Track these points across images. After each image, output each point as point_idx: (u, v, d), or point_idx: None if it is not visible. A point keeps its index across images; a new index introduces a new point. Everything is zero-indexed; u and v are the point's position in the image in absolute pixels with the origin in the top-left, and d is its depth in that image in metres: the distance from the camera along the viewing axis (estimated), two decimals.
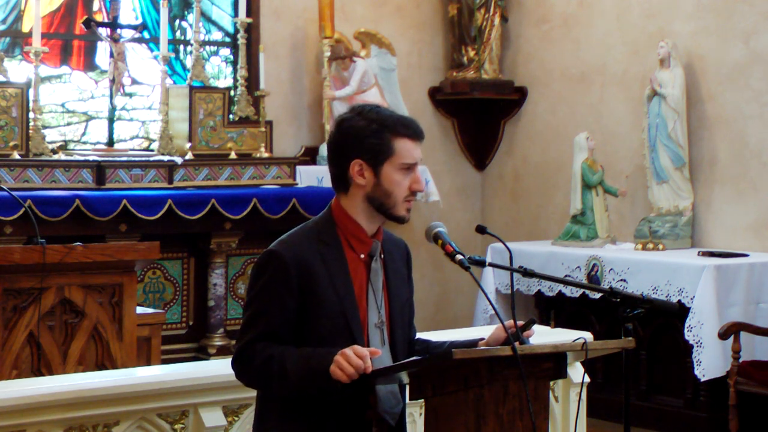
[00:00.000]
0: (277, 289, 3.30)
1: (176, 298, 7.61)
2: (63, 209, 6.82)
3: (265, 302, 3.31)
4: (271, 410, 3.40)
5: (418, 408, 3.96)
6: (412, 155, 3.38)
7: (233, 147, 7.86)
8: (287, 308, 3.31)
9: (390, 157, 3.36)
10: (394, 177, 3.36)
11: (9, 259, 4.55)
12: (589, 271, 7.63)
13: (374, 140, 3.35)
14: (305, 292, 3.31)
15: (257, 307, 3.33)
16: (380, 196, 3.37)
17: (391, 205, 3.38)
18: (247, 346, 3.31)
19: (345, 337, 3.31)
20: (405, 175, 3.38)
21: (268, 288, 3.31)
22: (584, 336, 3.93)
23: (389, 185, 3.36)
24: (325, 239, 3.37)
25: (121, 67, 7.57)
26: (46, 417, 3.76)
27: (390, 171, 3.36)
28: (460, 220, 9.16)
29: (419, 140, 3.41)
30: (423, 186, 3.45)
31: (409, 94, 9.01)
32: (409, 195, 3.40)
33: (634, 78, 8.30)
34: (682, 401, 7.32)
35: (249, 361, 3.31)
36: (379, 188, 3.37)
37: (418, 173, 3.41)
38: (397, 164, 3.37)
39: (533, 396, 3.25)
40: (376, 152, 3.35)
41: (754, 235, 7.63)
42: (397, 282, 3.50)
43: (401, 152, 3.37)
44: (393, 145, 3.36)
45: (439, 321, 8.91)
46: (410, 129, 3.40)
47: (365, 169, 3.37)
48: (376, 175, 3.37)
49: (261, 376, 3.31)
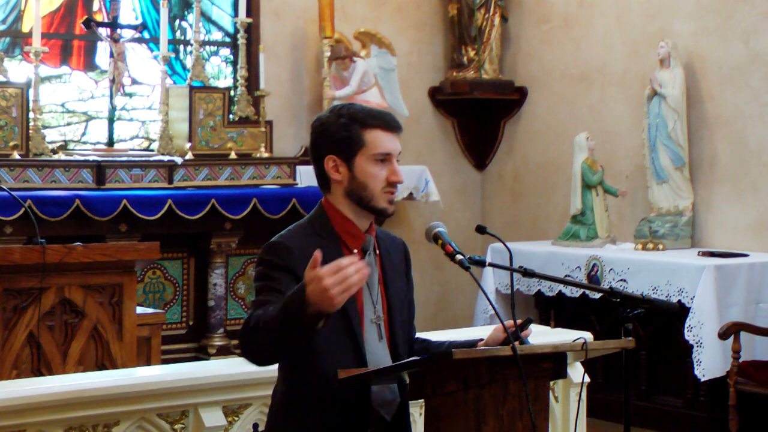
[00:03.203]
0: (279, 270, 3.27)
1: (176, 298, 7.62)
2: (63, 209, 6.83)
3: (270, 280, 3.27)
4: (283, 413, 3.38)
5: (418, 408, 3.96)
6: (385, 146, 3.36)
7: (233, 147, 7.87)
8: (288, 286, 3.21)
9: (361, 149, 3.34)
10: (368, 169, 3.35)
11: (9, 259, 4.55)
12: (589, 271, 7.63)
13: (344, 133, 3.35)
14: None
15: (259, 288, 3.30)
16: (357, 190, 3.36)
17: (369, 198, 3.36)
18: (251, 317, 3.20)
19: (342, 331, 3.31)
20: (380, 167, 3.35)
21: (270, 271, 3.28)
22: (584, 336, 3.93)
23: (364, 178, 3.35)
24: (320, 233, 3.38)
25: (121, 67, 7.57)
26: (46, 417, 3.76)
27: (363, 163, 3.35)
28: (460, 220, 9.16)
29: (393, 131, 3.39)
30: (401, 178, 3.39)
31: (409, 94, 9.01)
32: (387, 186, 3.36)
33: (634, 78, 8.30)
34: (682, 401, 7.32)
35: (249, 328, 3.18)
36: (355, 182, 3.36)
37: (396, 165, 3.39)
38: (369, 156, 3.34)
39: (533, 396, 3.25)
40: (347, 145, 3.35)
41: (754, 235, 7.63)
42: (394, 278, 3.49)
43: (372, 143, 3.35)
44: (363, 137, 3.34)
45: (439, 321, 8.91)
46: (380, 119, 3.38)
47: (339, 164, 3.36)
48: (350, 169, 3.36)
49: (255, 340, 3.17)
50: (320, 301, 2.97)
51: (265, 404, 4.11)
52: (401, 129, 3.43)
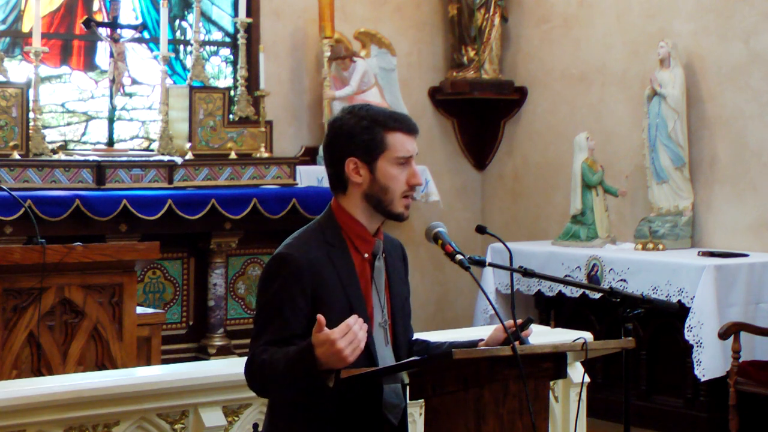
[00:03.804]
0: (291, 293, 3.25)
1: (176, 298, 7.61)
2: (63, 209, 6.83)
3: (279, 307, 3.26)
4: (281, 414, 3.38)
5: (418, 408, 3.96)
6: (406, 148, 3.37)
7: (233, 147, 7.87)
8: (301, 311, 3.25)
9: (383, 151, 3.35)
10: (389, 171, 3.35)
11: (9, 259, 4.55)
12: (589, 271, 7.63)
13: (366, 136, 3.34)
14: (316, 293, 3.27)
15: (270, 312, 3.28)
16: (377, 193, 3.36)
17: (389, 202, 3.36)
18: (257, 354, 3.26)
19: None
20: (401, 170, 3.36)
21: (282, 292, 3.26)
22: (584, 336, 3.93)
23: (385, 180, 3.35)
24: (330, 241, 3.35)
25: (121, 67, 7.57)
26: (46, 417, 3.76)
27: (385, 166, 3.35)
28: (460, 220, 9.15)
29: (413, 134, 3.40)
30: (421, 180, 3.42)
31: (409, 94, 9.01)
32: (408, 190, 3.38)
33: (634, 78, 8.30)
34: (682, 401, 7.32)
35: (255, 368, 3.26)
36: (376, 184, 3.35)
37: (415, 167, 3.40)
38: (392, 158, 3.35)
39: (533, 396, 3.25)
40: (370, 148, 3.34)
41: (754, 235, 7.63)
42: (397, 281, 3.50)
43: (394, 146, 3.36)
44: (385, 140, 3.35)
45: (439, 321, 8.91)
46: (402, 123, 3.39)
47: (360, 167, 3.35)
48: (372, 172, 3.35)
49: (263, 381, 3.26)
50: (332, 361, 3.10)
51: (265, 404, 4.11)
52: (418, 132, 3.44)
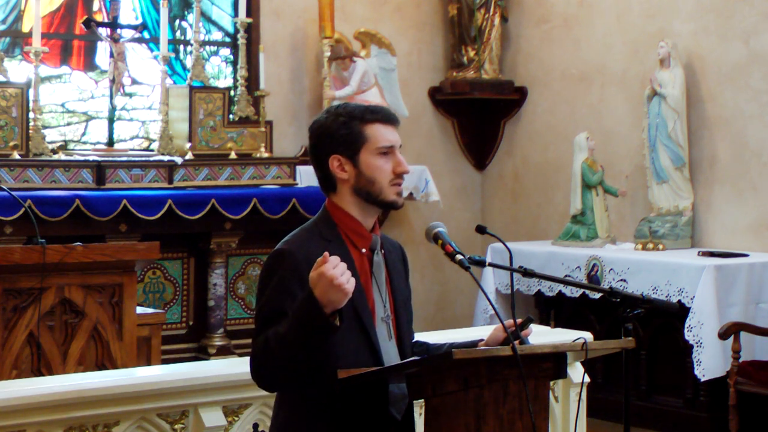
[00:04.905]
0: (290, 287, 3.25)
1: (176, 298, 7.61)
2: (63, 209, 6.83)
3: (279, 302, 3.25)
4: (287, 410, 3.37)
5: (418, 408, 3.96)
6: (387, 138, 3.38)
7: (233, 147, 7.87)
8: None
9: (364, 144, 3.36)
10: (373, 163, 3.36)
11: (9, 259, 4.55)
12: (589, 271, 7.63)
13: (344, 131, 3.36)
14: None
15: (271, 307, 3.27)
16: (365, 185, 3.37)
17: (378, 192, 3.37)
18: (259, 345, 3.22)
19: (356, 332, 3.30)
20: (385, 160, 3.38)
21: (281, 286, 3.27)
22: (584, 336, 3.93)
23: (370, 172, 3.36)
24: (327, 237, 3.37)
25: (121, 67, 7.57)
26: (46, 417, 3.76)
27: (368, 158, 3.36)
28: (460, 220, 9.15)
29: (392, 124, 3.41)
30: (407, 168, 3.42)
31: (409, 94, 9.01)
32: (394, 178, 3.39)
33: (634, 78, 8.30)
34: (682, 401, 7.32)
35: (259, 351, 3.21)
36: (362, 178, 3.37)
37: (400, 157, 3.41)
38: (373, 150, 3.37)
39: (533, 396, 3.25)
40: (349, 143, 3.36)
41: (754, 235, 7.63)
42: (397, 278, 3.51)
43: (374, 137, 3.37)
44: (364, 132, 3.36)
45: (439, 321, 8.91)
46: (378, 113, 3.40)
47: (344, 163, 3.37)
48: (356, 166, 3.37)
49: (268, 362, 3.20)
50: (333, 295, 3.06)
51: (265, 404, 4.12)
52: (399, 122, 3.46)
